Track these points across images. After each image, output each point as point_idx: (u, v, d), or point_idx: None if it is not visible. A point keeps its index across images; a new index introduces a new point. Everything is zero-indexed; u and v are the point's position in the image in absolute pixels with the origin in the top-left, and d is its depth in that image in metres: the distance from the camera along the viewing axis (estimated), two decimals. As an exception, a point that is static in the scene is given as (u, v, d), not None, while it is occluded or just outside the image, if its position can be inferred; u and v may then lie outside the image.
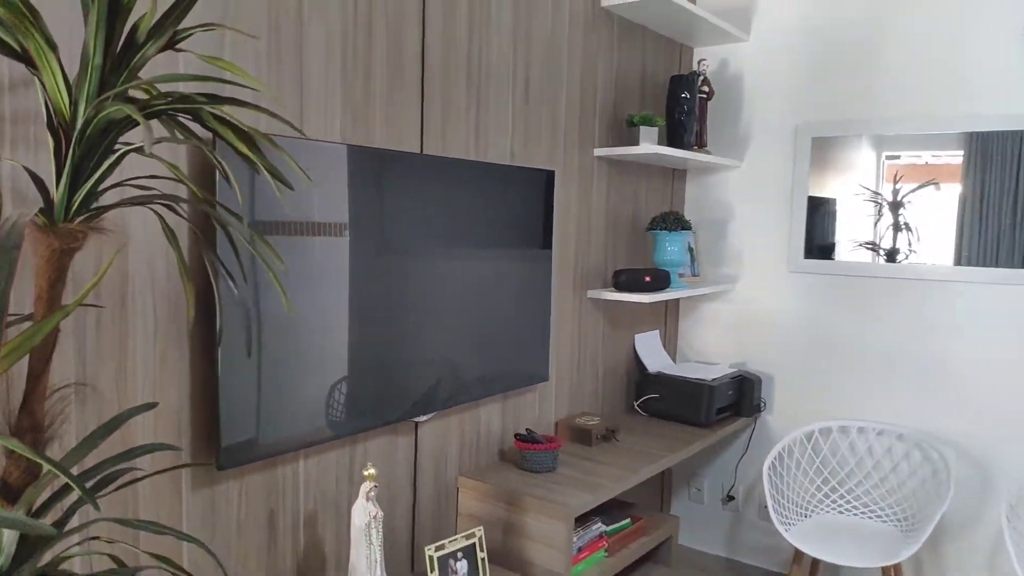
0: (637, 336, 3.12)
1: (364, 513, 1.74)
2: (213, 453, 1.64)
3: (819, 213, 3.02)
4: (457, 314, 2.11)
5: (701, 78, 2.99)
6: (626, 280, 2.74)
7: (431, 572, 1.98)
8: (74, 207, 1.02)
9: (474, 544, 2.09)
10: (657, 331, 3.25)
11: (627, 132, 2.88)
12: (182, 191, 1.51)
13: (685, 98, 2.84)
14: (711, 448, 3.32)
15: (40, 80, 0.99)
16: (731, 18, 3.14)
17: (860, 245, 2.94)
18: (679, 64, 3.19)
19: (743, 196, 3.19)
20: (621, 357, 3.06)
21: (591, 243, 2.79)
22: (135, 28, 1.02)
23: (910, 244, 2.85)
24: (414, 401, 2.01)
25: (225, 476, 1.67)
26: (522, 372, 2.39)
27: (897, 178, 2.85)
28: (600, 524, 2.30)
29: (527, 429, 2.42)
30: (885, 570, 2.52)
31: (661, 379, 2.99)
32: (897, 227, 2.88)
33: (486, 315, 2.22)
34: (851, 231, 2.96)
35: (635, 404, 3.06)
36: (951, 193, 2.74)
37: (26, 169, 1.08)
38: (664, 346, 3.30)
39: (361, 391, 1.85)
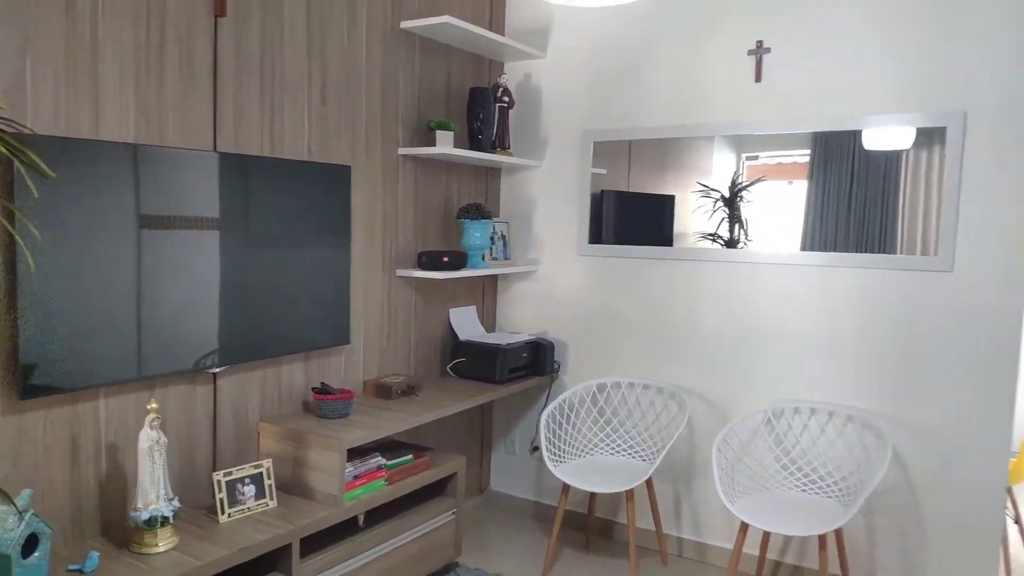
0: (452, 310, 3.61)
1: (147, 438, 2.17)
2: (16, 387, 2.05)
3: (655, 207, 3.42)
4: (247, 284, 2.55)
5: (501, 89, 3.49)
6: (427, 260, 3.23)
7: (219, 493, 2.42)
8: None
9: (262, 472, 2.55)
10: (474, 306, 3.75)
11: (430, 135, 3.36)
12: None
13: (481, 107, 3.34)
14: (519, 405, 3.84)
15: None
16: (530, 38, 3.65)
17: (704, 236, 3.32)
18: (488, 76, 3.68)
19: (543, 191, 3.72)
20: (437, 327, 3.55)
21: (399, 229, 3.26)
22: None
23: (745, 234, 3.24)
24: (206, 355, 2.44)
25: (31, 406, 2.08)
26: (323, 336, 2.85)
27: (745, 178, 3.21)
28: (380, 458, 2.78)
29: (322, 383, 2.89)
30: (628, 493, 3.07)
31: (468, 345, 3.49)
32: (733, 219, 3.39)
33: (282, 287, 2.67)
34: (695, 223, 3.34)
35: (447, 367, 3.55)
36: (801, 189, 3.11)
37: None
38: (482, 319, 3.79)
39: (153, 343, 2.28)
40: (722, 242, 3.30)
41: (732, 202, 3.28)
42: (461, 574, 3.18)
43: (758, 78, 3.14)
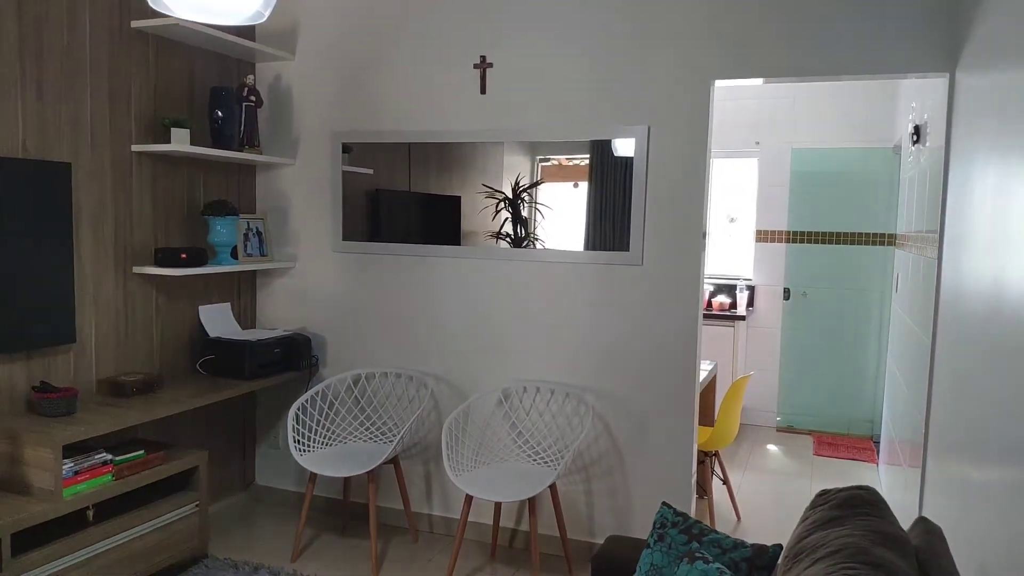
0: (202, 307, 3.66)
1: None
2: None
3: (439, 207, 3.59)
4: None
5: (247, 89, 3.59)
6: (164, 257, 3.27)
7: (-88, 494, 2.37)
8: None
9: (-34, 472, 2.51)
10: (228, 303, 3.81)
11: (168, 132, 3.39)
12: None
13: (222, 105, 3.43)
14: (281, 401, 3.94)
15: None
16: (278, 40, 3.77)
17: (491, 236, 3.51)
18: (237, 76, 3.76)
19: (298, 189, 3.85)
20: (186, 326, 3.58)
21: (135, 226, 3.27)
22: None
23: (526, 233, 3.46)
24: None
25: None
26: (44, 335, 2.83)
27: (540, 179, 3.44)
28: (105, 454, 2.80)
29: (42, 381, 2.87)
30: (369, 474, 3.27)
31: (218, 343, 3.55)
32: (516, 219, 3.61)
33: (-10, 283, 2.63)
34: (484, 222, 3.52)
35: (196, 365, 3.60)
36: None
37: None
38: (239, 317, 3.86)
39: None
40: (509, 241, 3.52)
41: (515, 203, 3.52)
42: (209, 564, 3.24)
43: (483, 90, 3.45)
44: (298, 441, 3.41)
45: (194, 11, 1.90)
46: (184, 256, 3.28)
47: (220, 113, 3.43)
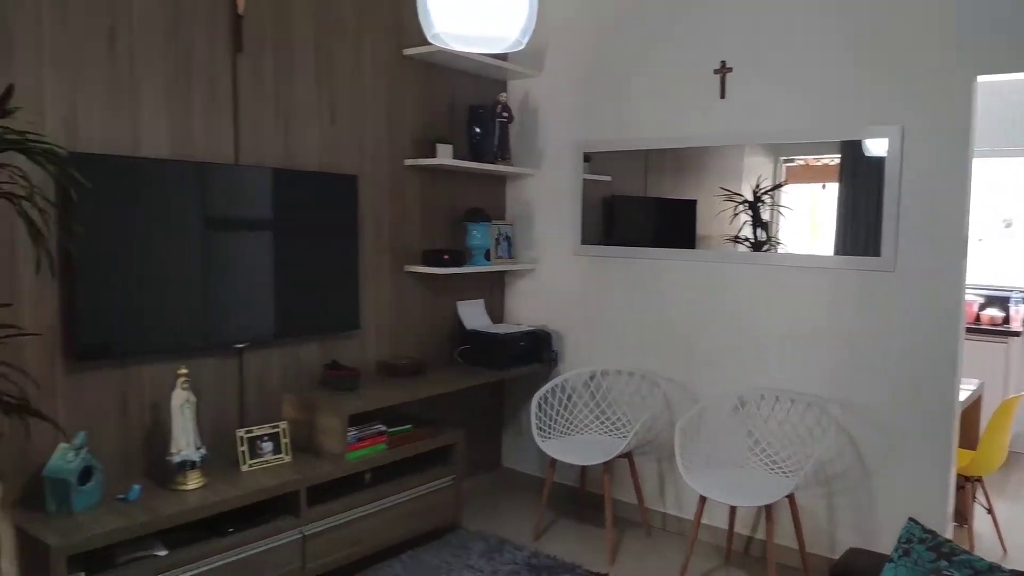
0: (460, 303, 4.06)
1: (178, 397, 2.70)
2: (76, 351, 2.60)
3: (675, 211, 3.67)
4: (268, 277, 3.07)
5: (500, 106, 3.92)
6: (429, 257, 3.70)
7: (240, 447, 2.94)
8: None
9: (278, 432, 3.05)
10: (482, 300, 4.19)
11: (433, 147, 3.81)
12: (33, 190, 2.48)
13: (479, 122, 3.79)
14: (527, 392, 4.24)
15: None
16: (527, 59, 4.07)
17: (728, 239, 3.52)
18: (492, 93, 4.11)
19: (542, 197, 4.13)
20: (447, 319, 4.00)
21: (405, 230, 3.73)
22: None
23: (767, 236, 3.44)
24: (234, 333, 2.96)
25: (89, 368, 2.64)
26: (335, 322, 3.35)
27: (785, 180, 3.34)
28: (380, 426, 3.24)
29: (333, 360, 3.37)
30: (605, 465, 3.44)
31: (473, 334, 3.93)
32: (756, 221, 3.59)
33: (297, 279, 3.17)
34: (721, 225, 3.54)
35: (455, 354, 4.00)
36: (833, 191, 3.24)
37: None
38: (490, 312, 4.23)
39: (189, 321, 2.82)
40: (748, 244, 3.49)
41: (755, 205, 3.48)
42: (462, 535, 3.61)
43: (723, 95, 3.47)
44: (540, 428, 3.67)
45: (464, 43, 2.18)
46: (446, 257, 3.68)
47: (478, 129, 3.79)
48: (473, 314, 4.11)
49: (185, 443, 2.71)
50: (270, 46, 3.12)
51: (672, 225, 3.73)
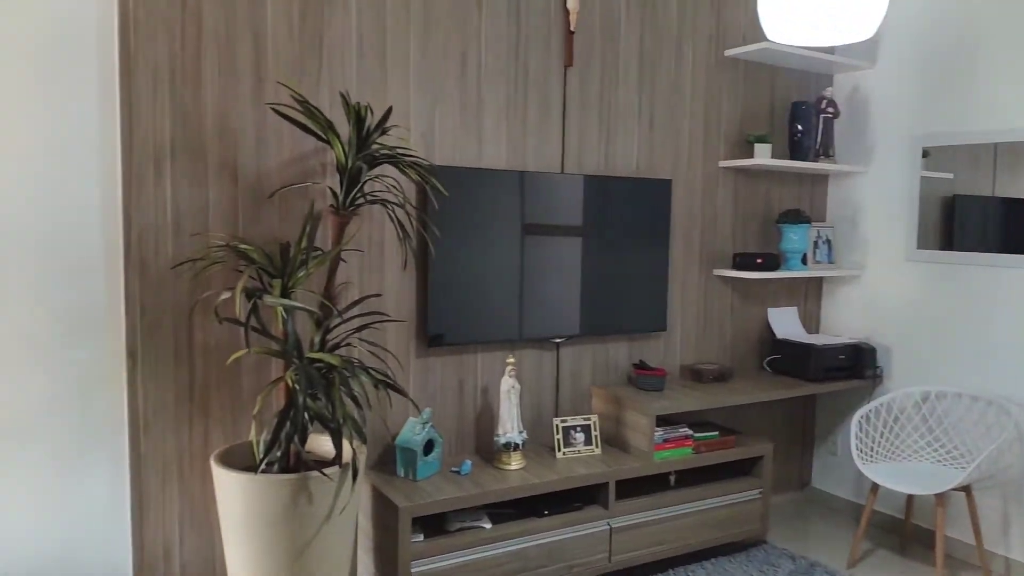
0: (771, 309, 3.90)
1: (506, 383, 2.95)
2: (425, 339, 2.96)
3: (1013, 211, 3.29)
4: (583, 277, 3.22)
5: (826, 102, 3.70)
6: (741, 261, 3.60)
7: (556, 435, 3.13)
8: (347, 203, 2.38)
9: (590, 424, 3.20)
10: (795, 307, 3.98)
11: (749, 147, 3.70)
12: (402, 197, 2.86)
13: (801, 119, 3.61)
14: (842, 408, 3.95)
15: (332, 148, 2.37)
16: (856, 51, 3.77)
17: None
18: (815, 89, 3.89)
19: (869, 196, 3.80)
20: (755, 325, 3.88)
21: (716, 233, 3.68)
22: (368, 126, 2.36)
23: None
24: (553, 329, 3.17)
25: (434, 352, 3.00)
26: (644, 322, 3.42)
27: None
28: (686, 429, 3.23)
29: (641, 360, 3.44)
30: (938, 498, 3.09)
31: (784, 344, 3.76)
32: None
33: (610, 281, 3.29)
34: None
35: (764, 363, 3.86)
36: None
37: (329, 188, 2.47)
38: (803, 320, 4.01)
39: (516, 316, 3.07)
40: None
41: None
42: (768, 550, 3.47)
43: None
44: (860, 450, 3.40)
45: (808, 39, 2.10)
46: (760, 261, 3.56)
47: (799, 127, 3.61)
48: (785, 322, 3.92)
49: (510, 426, 2.96)
50: (597, 58, 3.27)
51: (1033, 229, 3.22)
